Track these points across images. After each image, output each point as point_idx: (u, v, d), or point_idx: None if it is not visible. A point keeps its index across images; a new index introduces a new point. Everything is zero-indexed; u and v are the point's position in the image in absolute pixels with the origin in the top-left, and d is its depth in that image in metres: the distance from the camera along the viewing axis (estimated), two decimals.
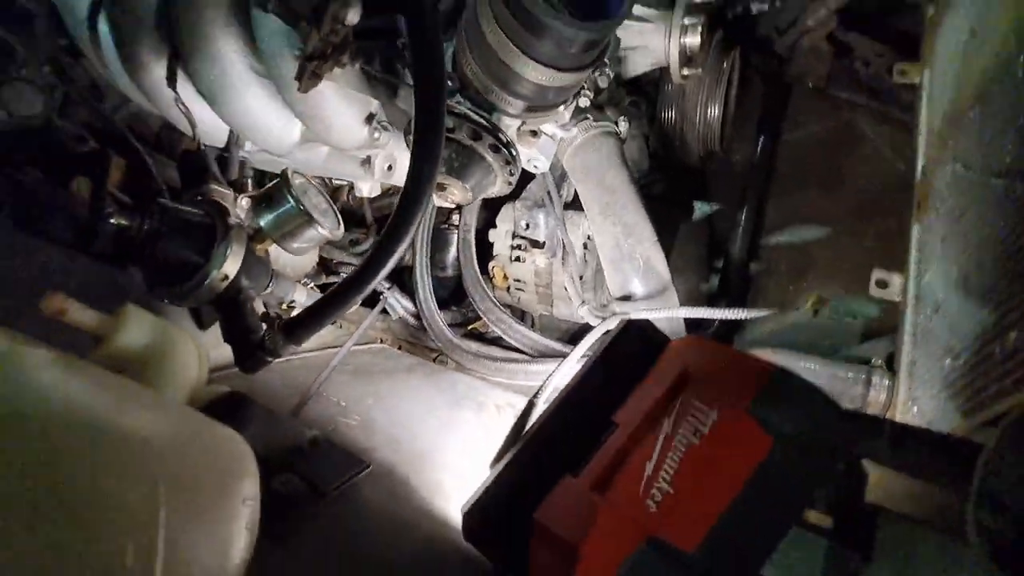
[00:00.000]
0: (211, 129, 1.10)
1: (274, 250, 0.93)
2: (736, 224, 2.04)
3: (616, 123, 1.09)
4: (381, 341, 1.38)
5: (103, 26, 1.00)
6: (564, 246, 1.15)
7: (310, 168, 1.28)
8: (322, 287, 1.60)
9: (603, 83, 0.88)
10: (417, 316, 1.37)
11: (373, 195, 1.35)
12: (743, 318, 0.92)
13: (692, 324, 1.20)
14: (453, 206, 1.20)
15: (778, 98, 2.33)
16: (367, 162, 1.15)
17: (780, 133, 2.30)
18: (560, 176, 1.24)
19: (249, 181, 1.04)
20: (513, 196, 1.43)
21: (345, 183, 1.59)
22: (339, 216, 0.90)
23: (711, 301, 1.93)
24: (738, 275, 2.01)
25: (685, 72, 1.28)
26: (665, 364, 0.61)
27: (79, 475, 0.39)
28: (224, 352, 0.81)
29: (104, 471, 0.40)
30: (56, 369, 0.44)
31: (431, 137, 0.65)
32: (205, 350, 0.76)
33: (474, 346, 1.32)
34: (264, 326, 0.75)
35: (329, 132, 1.04)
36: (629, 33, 1.29)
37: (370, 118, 1.03)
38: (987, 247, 0.67)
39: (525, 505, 0.56)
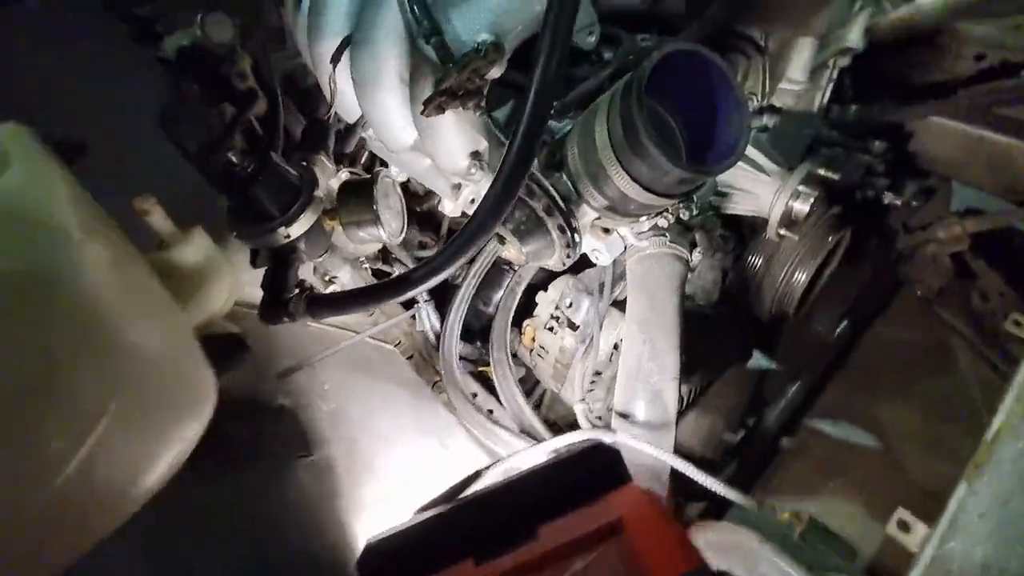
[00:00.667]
0: (349, 106, 1.23)
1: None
2: (784, 392, 1.95)
3: (689, 251, 1.11)
4: (397, 344, 1.44)
5: None
6: (593, 339, 1.16)
7: (410, 171, 1.39)
8: (375, 272, 1.69)
9: (684, 215, 0.90)
10: (438, 337, 1.42)
11: (454, 215, 1.43)
12: (729, 498, 0.89)
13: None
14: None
15: (879, 290, 2.24)
16: (457, 188, 1.23)
17: (868, 325, 2.19)
18: (619, 274, 1.27)
19: (362, 159, 1.14)
20: (573, 271, 1.47)
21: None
22: (406, 224, 0.98)
23: (726, 454, 1.84)
24: (765, 442, 1.91)
25: (782, 232, 1.28)
26: (611, 503, 0.60)
27: (51, 338, 0.42)
28: (259, 293, 0.89)
29: (73, 347, 0.43)
30: (101, 246, 0.50)
31: (503, 199, 0.70)
32: (241, 285, 0.84)
33: (472, 387, 1.35)
34: (296, 291, 0.83)
35: (435, 150, 1.13)
36: (742, 175, 1.31)
37: (475, 155, 1.11)
38: (1018, 546, 0.62)
39: (421, 566, 0.57)
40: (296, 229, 0.84)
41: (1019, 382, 1.05)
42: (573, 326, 1.27)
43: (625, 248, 1.10)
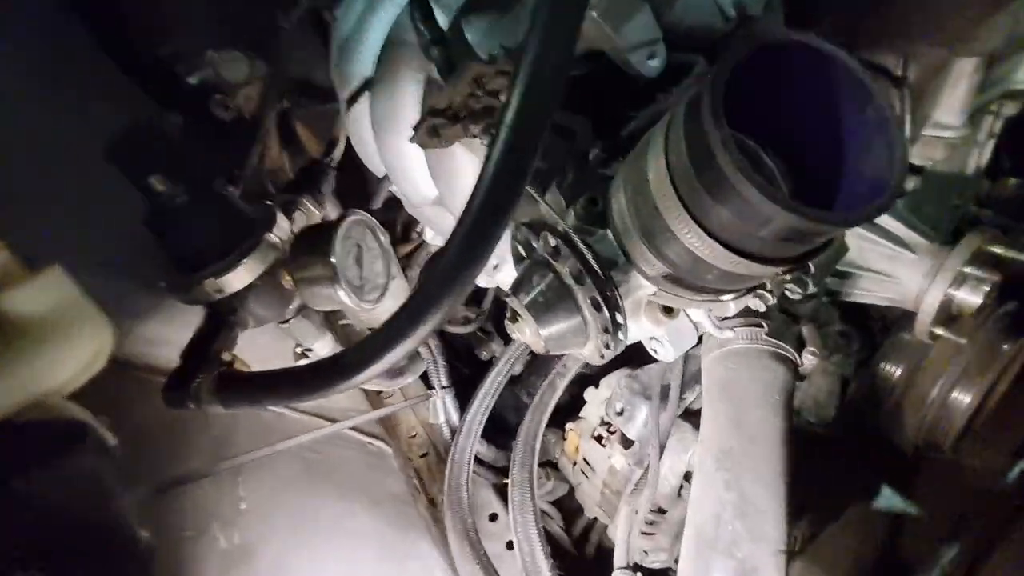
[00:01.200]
0: (375, 158, 1.08)
1: None
2: (936, 553, 1.43)
3: (798, 352, 0.75)
4: (412, 437, 1.13)
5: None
6: (650, 466, 0.81)
7: (438, 230, 1.19)
8: None
9: (795, 295, 0.58)
10: (453, 434, 1.12)
11: (485, 285, 1.19)
12: None
13: None
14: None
15: None
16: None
17: None
18: (693, 374, 0.92)
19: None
20: (632, 363, 1.14)
21: None
22: (386, 290, 0.74)
23: None
24: None
25: (938, 332, 0.89)
26: None
27: None
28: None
29: None
30: None
31: (471, 247, 0.44)
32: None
33: (491, 506, 1.00)
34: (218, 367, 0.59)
35: (452, 198, 0.92)
36: (873, 250, 0.95)
37: None
38: None
39: None
40: (233, 281, 0.63)
41: None
42: (626, 442, 0.93)
43: (700, 339, 0.77)
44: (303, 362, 0.79)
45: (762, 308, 0.63)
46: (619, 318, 0.59)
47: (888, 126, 0.51)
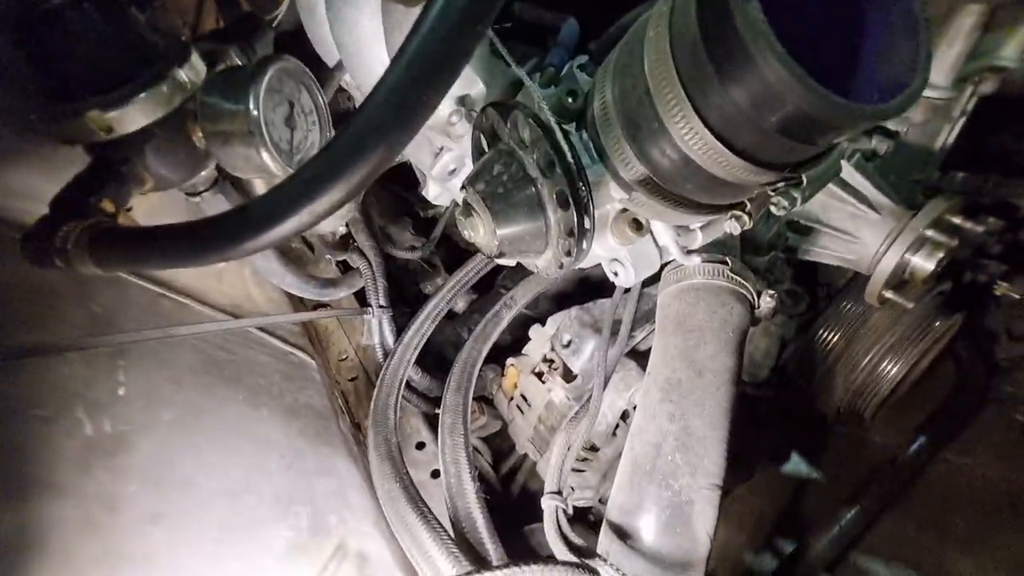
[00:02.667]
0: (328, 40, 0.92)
1: None
2: (836, 516, 1.53)
3: (758, 293, 0.72)
4: (316, 358, 1.01)
5: None
6: (592, 397, 0.77)
7: None
8: (343, 265, 1.34)
9: (780, 210, 0.52)
10: (387, 356, 1.03)
11: (439, 202, 1.09)
12: None
13: None
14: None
15: (964, 406, 1.80)
16: (439, 154, 0.89)
17: (944, 448, 1.76)
18: (647, 311, 0.88)
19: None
20: (580, 298, 1.09)
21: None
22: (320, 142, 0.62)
23: None
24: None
25: (888, 295, 0.88)
26: None
27: None
28: None
29: None
30: None
31: (420, 66, 0.35)
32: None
33: (419, 434, 0.94)
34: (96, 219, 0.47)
35: None
36: (837, 207, 0.93)
37: (462, 99, 0.77)
38: None
39: None
40: (125, 119, 0.50)
41: None
42: (569, 375, 0.88)
43: (663, 267, 0.72)
44: None
45: (737, 230, 0.58)
46: (586, 222, 0.52)
47: (915, 21, 0.46)
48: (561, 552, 0.64)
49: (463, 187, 0.58)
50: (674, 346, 0.69)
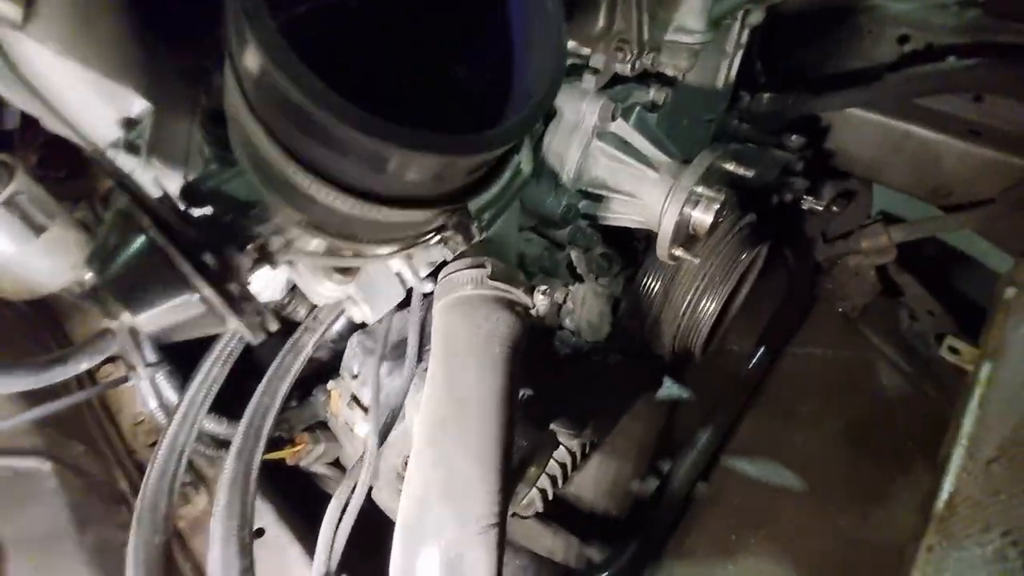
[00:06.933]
0: None
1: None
2: (697, 435, 1.65)
3: (530, 289, 0.66)
4: (55, 456, 0.78)
5: None
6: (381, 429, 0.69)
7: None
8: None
9: (456, 246, 0.44)
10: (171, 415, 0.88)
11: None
12: None
13: None
14: None
15: (797, 307, 1.99)
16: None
17: (784, 347, 1.95)
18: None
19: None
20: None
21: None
22: None
23: (637, 507, 1.46)
24: (681, 490, 1.60)
25: (676, 253, 0.88)
26: None
27: None
28: None
29: None
30: None
31: None
32: None
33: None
34: None
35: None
36: (621, 170, 0.90)
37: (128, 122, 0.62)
38: None
39: None
40: None
41: (969, 429, 0.72)
42: (362, 406, 0.80)
43: (427, 295, 0.64)
44: None
45: (450, 256, 0.50)
46: (233, 288, 0.41)
47: (549, 14, 0.38)
48: None
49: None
50: (440, 377, 0.63)
